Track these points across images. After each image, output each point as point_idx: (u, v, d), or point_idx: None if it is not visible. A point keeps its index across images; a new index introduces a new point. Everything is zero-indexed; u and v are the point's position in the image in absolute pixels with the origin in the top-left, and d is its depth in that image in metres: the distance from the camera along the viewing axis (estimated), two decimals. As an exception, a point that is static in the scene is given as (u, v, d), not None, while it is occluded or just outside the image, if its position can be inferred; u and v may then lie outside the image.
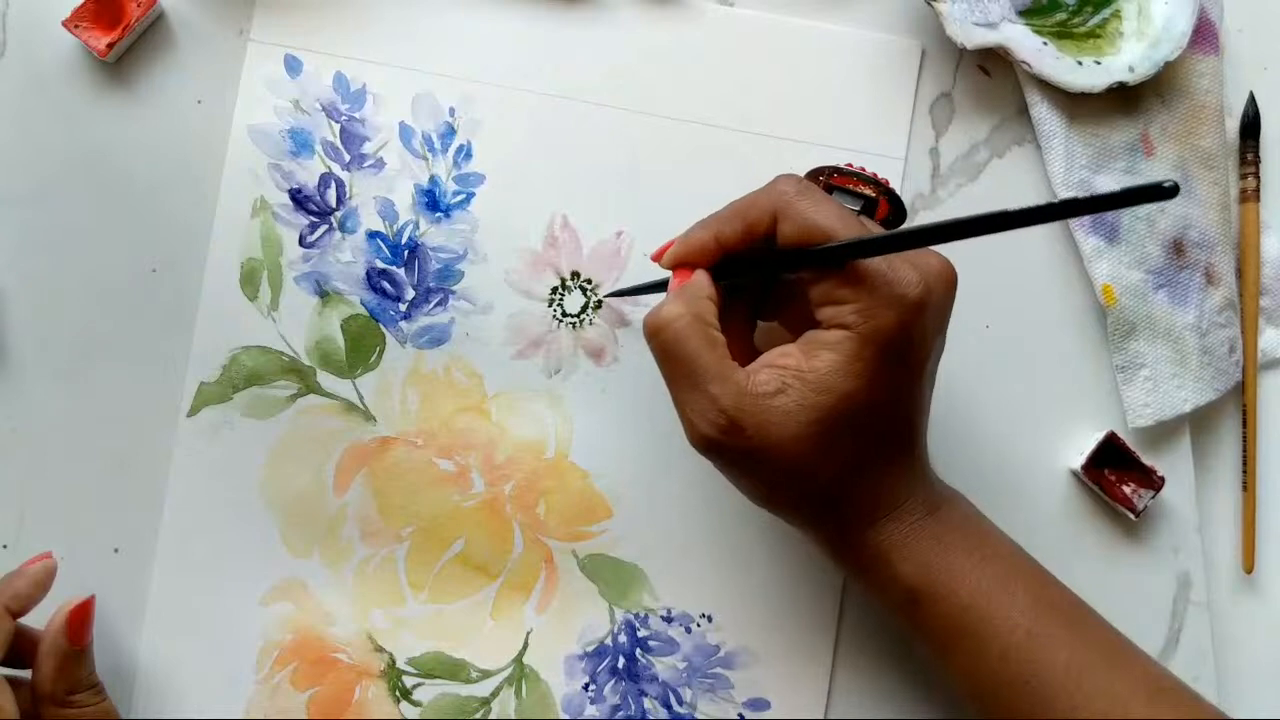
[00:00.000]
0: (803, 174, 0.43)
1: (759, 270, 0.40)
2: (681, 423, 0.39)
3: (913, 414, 0.40)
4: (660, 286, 0.42)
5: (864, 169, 0.43)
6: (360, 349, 0.47)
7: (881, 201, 0.42)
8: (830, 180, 0.43)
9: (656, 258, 0.42)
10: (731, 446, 0.38)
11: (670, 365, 0.39)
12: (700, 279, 0.40)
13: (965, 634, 0.39)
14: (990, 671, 0.39)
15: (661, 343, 0.39)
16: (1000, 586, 0.40)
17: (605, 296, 0.47)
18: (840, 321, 0.38)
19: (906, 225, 0.39)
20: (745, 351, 0.41)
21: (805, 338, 0.39)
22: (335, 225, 0.47)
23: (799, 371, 0.38)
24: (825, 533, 0.41)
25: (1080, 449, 0.48)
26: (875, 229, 0.40)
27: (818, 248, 0.38)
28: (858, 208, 0.42)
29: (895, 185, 0.48)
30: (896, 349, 0.38)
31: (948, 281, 0.39)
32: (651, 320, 0.39)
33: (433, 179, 0.47)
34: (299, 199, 0.47)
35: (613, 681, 0.47)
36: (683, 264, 0.41)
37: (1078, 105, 0.48)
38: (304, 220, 0.47)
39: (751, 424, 0.37)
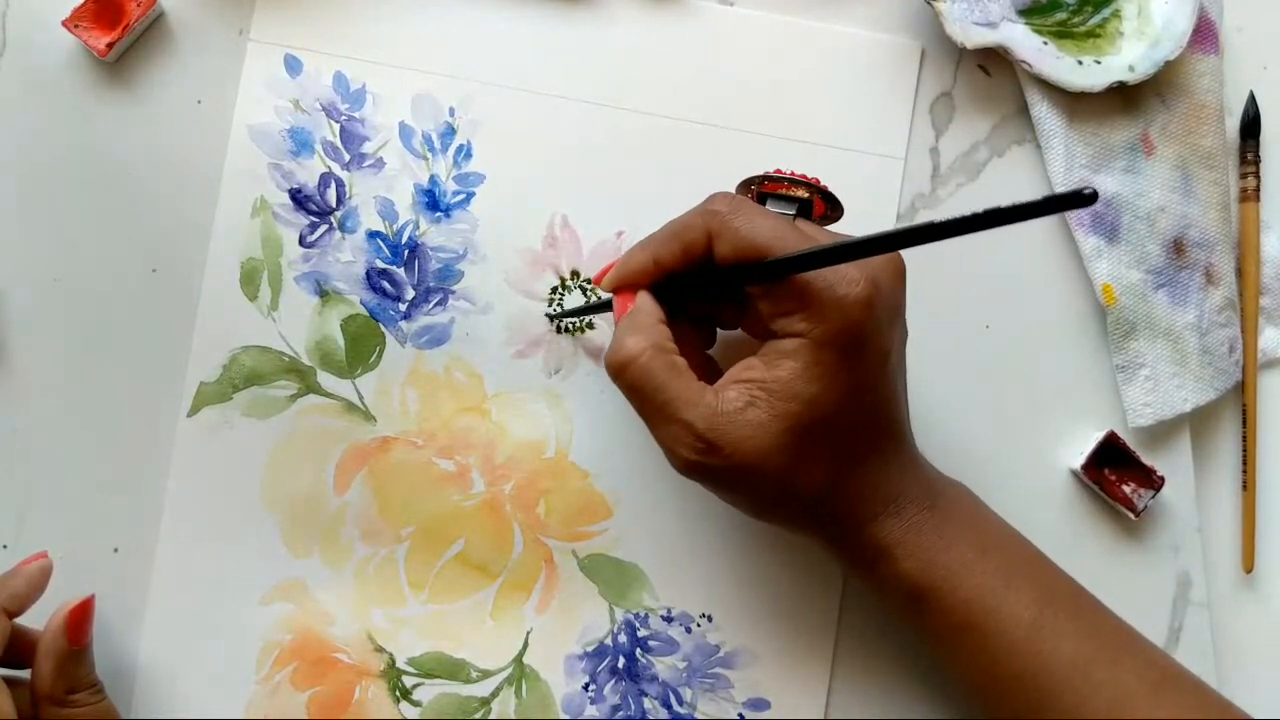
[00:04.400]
0: (734, 187, 0.44)
1: (702, 290, 0.40)
2: (662, 451, 0.39)
3: (887, 407, 0.40)
4: (605, 306, 0.43)
5: (793, 171, 0.42)
6: (360, 349, 0.47)
7: (816, 200, 0.42)
8: (761, 188, 0.42)
9: (597, 280, 0.42)
10: (712, 466, 0.38)
11: (640, 400, 0.39)
12: (647, 305, 0.40)
13: (970, 629, 0.39)
14: (995, 666, 0.39)
15: (628, 380, 0.39)
16: (1004, 580, 0.40)
17: (551, 317, 0.47)
18: (793, 330, 0.38)
19: (860, 230, 0.39)
20: (701, 365, 0.42)
21: (765, 348, 0.39)
22: (335, 225, 0.47)
23: (763, 383, 0.38)
24: (823, 536, 0.41)
25: (1080, 449, 0.48)
26: (813, 231, 0.40)
27: (756, 264, 0.38)
28: (793, 211, 0.42)
29: (895, 185, 0.48)
30: (854, 347, 0.38)
31: (894, 271, 0.39)
32: (614, 360, 0.39)
33: (433, 179, 0.47)
34: (299, 199, 0.47)
35: (613, 681, 0.47)
36: (623, 286, 0.41)
37: (1078, 105, 0.48)
38: (304, 220, 0.47)
39: (727, 441, 0.37)
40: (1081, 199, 0.29)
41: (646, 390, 0.38)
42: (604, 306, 0.43)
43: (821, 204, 0.42)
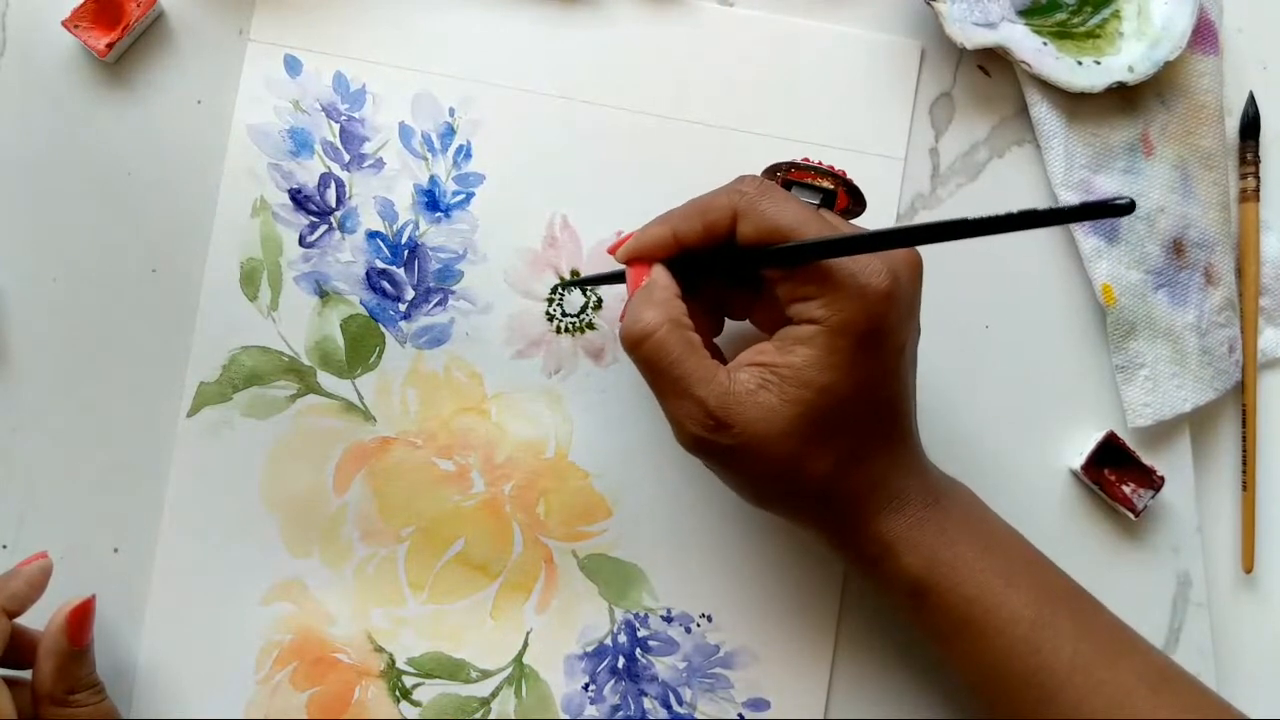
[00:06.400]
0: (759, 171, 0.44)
1: (722, 269, 0.40)
2: (670, 424, 0.40)
3: (897, 402, 0.40)
4: (619, 277, 0.43)
5: (820, 162, 0.43)
6: (360, 349, 0.47)
7: (840, 193, 0.42)
8: (788, 176, 0.43)
9: (612, 251, 0.42)
10: (718, 444, 0.38)
11: (655, 374, 0.39)
12: (663, 279, 0.40)
13: (970, 627, 0.39)
14: (995, 664, 0.39)
15: (644, 354, 0.39)
16: (1004, 579, 0.40)
17: (562, 285, 0.47)
18: (810, 316, 0.38)
19: (871, 227, 0.39)
20: (709, 348, 0.42)
21: (780, 334, 0.39)
22: (335, 225, 0.47)
23: (775, 367, 0.38)
24: (826, 528, 0.41)
25: (1080, 449, 0.48)
26: (836, 222, 0.40)
27: (782, 246, 0.38)
28: (816, 201, 0.42)
29: (895, 185, 0.48)
30: (870, 339, 0.38)
31: (914, 268, 0.39)
32: (630, 333, 0.39)
33: (432, 179, 0.47)
34: (299, 199, 0.47)
35: (613, 681, 0.47)
36: (639, 258, 0.41)
37: (1078, 105, 0.48)
38: (304, 220, 0.47)
39: (737, 421, 0.38)
40: (1118, 208, 0.29)
41: (662, 365, 0.38)
42: (615, 277, 0.43)
43: (845, 197, 0.43)
